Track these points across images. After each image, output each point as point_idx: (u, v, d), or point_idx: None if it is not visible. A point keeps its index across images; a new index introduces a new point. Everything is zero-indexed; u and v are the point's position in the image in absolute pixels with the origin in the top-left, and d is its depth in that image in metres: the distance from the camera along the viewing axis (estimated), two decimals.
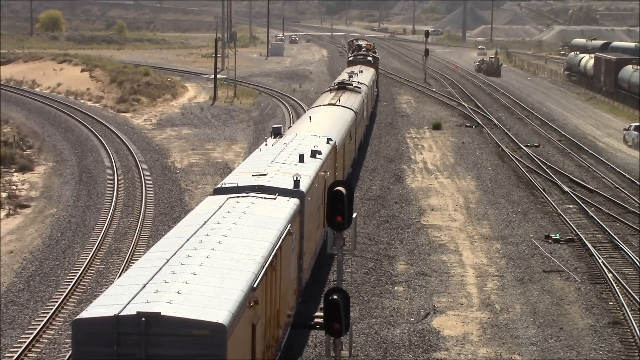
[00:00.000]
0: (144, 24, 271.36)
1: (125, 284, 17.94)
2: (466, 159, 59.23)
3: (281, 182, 27.50)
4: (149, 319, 16.19)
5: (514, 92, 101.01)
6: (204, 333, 16.37)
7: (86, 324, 16.48)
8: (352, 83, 60.38)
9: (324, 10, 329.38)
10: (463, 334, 28.77)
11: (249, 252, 20.23)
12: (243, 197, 25.35)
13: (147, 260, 19.53)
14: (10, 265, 35.35)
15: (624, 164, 58.02)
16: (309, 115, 45.94)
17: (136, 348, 16.28)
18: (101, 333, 16.36)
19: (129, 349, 16.30)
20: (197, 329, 16.38)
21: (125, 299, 16.88)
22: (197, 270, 18.33)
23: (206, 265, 18.72)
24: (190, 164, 56.00)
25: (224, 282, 18.12)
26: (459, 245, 38.88)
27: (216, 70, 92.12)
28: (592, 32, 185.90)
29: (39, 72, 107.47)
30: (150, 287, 17.38)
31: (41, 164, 56.68)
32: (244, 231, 21.76)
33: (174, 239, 20.96)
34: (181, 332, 16.30)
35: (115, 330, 16.31)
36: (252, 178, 27.72)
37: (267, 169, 29.17)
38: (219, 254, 19.60)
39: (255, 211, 23.84)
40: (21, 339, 27.74)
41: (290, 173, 28.47)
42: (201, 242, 20.28)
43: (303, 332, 27.73)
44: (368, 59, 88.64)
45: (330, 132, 39.12)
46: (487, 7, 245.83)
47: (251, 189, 26.31)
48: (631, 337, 28.60)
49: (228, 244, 20.43)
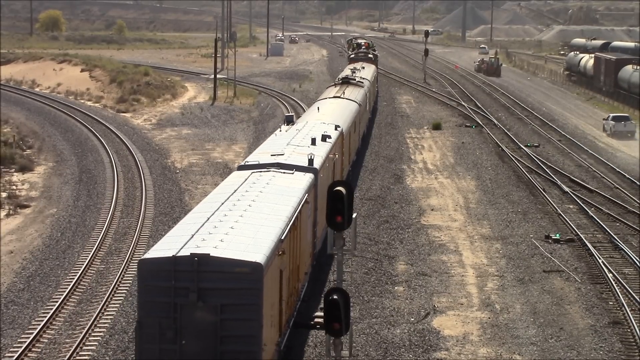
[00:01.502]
0: (144, 24, 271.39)
1: (176, 234, 21.76)
2: (466, 159, 59.23)
3: (297, 160, 31.09)
4: (200, 258, 19.93)
5: (513, 92, 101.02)
6: (245, 270, 20.12)
7: (149, 263, 20.35)
8: (355, 78, 63.73)
9: (323, 10, 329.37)
10: (463, 334, 28.78)
11: (275, 213, 24.11)
12: (265, 171, 29.01)
13: (190, 219, 23.22)
14: (10, 265, 35.35)
15: (624, 164, 58.02)
16: (317, 106, 49.28)
17: (190, 282, 20.01)
18: (162, 270, 20.18)
19: (184, 283, 20.03)
20: (239, 267, 20.15)
21: (179, 245, 20.71)
22: (234, 225, 22.14)
23: (241, 222, 22.58)
24: (190, 164, 56.00)
25: (257, 234, 21.91)
26: (459, 245, 38.88)
27: (216, 70, 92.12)
28: (592, 32, 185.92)
29: (38, 72, 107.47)
30: (198, 237, 21.17)
31: (41, 164, 56.69)
32: (269, 197, 25.68)
33: (210, 203, 24.92)
34: (226, 270, 20.04)
35: (173, 268, 20.08)
36: (271, 157, 31.26)
37: (284, 150, 32.63)
38: (250, 214, 23.51)
39: (276, 183, 27.59)
40: (21, 339, 27.75)
41: (304, 153, 31.85)
42: (234, 205, 24.17)
43: (303, 332, 27.75)
44: (369, 56, 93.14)
45: (337, 121, 42.25)
46: (487, 7, 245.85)
47: (271, 166, 29.88)
48: (631, 337, 28.60)
49: (257, 207, 24.42)
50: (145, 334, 20.61)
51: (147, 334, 20.60)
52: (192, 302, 20.30)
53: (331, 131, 38.15)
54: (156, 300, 20.55)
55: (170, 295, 20.41)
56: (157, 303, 20.56)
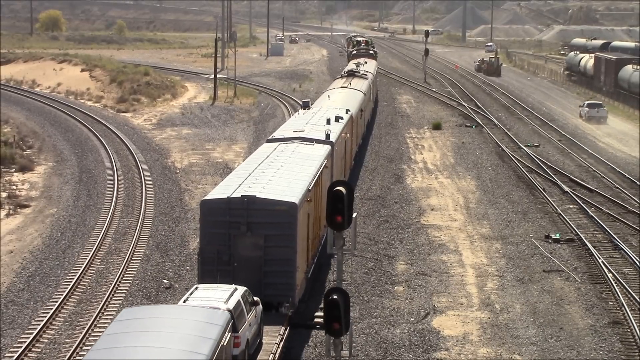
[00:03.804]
0: (144, 24, 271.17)
1: (227, 184, 29.02)
2: (466, 158, 59.22)
3: (316, 135, 37.86)
4: (249, 199, 26.83)
5: (514, 92, 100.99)
6: (284, 208, 26.84)
7: (210, 203, 27.23)
8: (359, 71, 70.52)
9: (324, 10, 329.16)
10: (463, 334, 28.77)
11: (303, 171, 31.13)
12: (290, 143, 36.08)
13: (235, 174, 30.98)
14: (10, 265, 35.35)
15: (624, 163, 58.02)
16: (327, 94, 56.68)
17: (241, 217, 26.73)
18: (219, 208, 26.86)
19: (236, 218, 26.73)
20: (279, 206, 26.88)
21: (231, 190, 27.75)
22: (271, 178, 29.34)
23: (277, 176, 29.77)
24: (190, 164, 55.99)
25: (290, 183, 28.92)
26: (459, 245, 38.88)
27: (216, 70, 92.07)
28: (592, 32, 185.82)
29: (39, 72, 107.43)
30: (245, 184, 28.24)
31: (41, 164, 56.68)
32: (296, 161, 32.62)
33: (249, 164, 32.53)
34: (268, 207, 26.76)
35: (228, 206, 26.83)
36: (294, 133, 38.08)
37: (304, 127, 39.56)
38: (282, 171, 30.65)
39: (300, 151, 34.63)
40: (21, 339, 27.75)
41: (322, 130, 38.71)
42: (269, 165, 31.53)
43: (303, 332, 27.75)
44: (370, 53, 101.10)
45: (346, 106, 48.80)
46: (487, 7, 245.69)
47: (294, 139, 36.74)
48: (631, 337, 28.60)
49: (287, 166, 31.44)
50: (206, 258, 26.74)
51: (207, 258, 26.74)
52: (243, 233, 26.71)
53: (342, 114, 44.72)
54: (214, 231, 26.84)
55: (225, 227, 26.73)
56: (215, 234, 26.84)
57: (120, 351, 18.08)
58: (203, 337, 18.83)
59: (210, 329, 19.41)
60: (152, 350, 18.01)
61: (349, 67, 76.42)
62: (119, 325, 19.74)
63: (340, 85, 61.90)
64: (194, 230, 40.45)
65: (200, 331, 19.26)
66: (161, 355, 17.79)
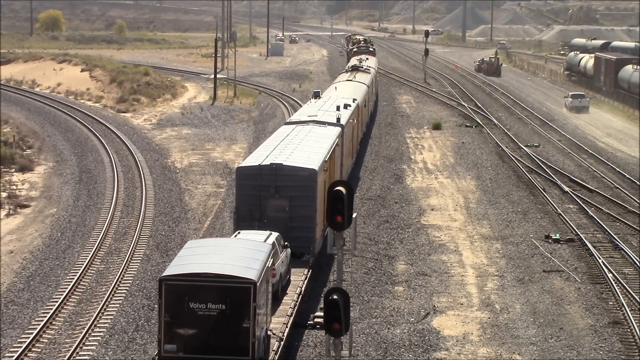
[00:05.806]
0: (144, 23, 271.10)
1: (257, 155, 34.25)
2: (466, 158, 59.22)
3: (328, 118, 43.11)
4: (276, 165, 32.02)
5: (513, 92, 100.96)
6: (305, 174, 32.07)
7: (244, 169, 32.64)
8: (362, 66, 76.42)
9: (323, 10, 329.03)
10: (463, 334, 28.78)
11: (319, 146, 36.35)
12: (305, 125, 41.45)
13: (262, 148, 36.11)
14: (10, 265, 35.35)
15: (624, 163, 58.02)
16: (334, 86, 62.78)
17: (269, 182, 31.80)
18: (251, 173, 32.11)
19: (266, 182, 31.84)
20: (301, 172, 32.09)
21: (261, 159, 32.92)
22: (293, 151, 34.47)
23: (298, 149, 35.07)
24: (190, 164, 55.99)
25: (310, 155, 34.15)
26: (459, 245, 38.88)
27: (216, 70, 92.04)
28: (592, 32, 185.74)
29: (38, 72, 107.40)
30: (272, 155, 33.41)
31: (41, 164, 56.67)
32: (312, 138, 37.90)
33: (272, 140, 37.86)
34: (293, 173, 31.93)
35: (259, 172, 32.02)
36: (308, 117, 43.71)
37: (317, 113, 44.90)
38: (302, 146, 35.88)
39: (315, 131, 40.01)
40: (21, 339, 27.75)
41: (332, 115, 43.91)
42: (290, 142, 36.78)
43: (303, 332, 27.75)
44: (370, 50, 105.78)
45: (353, 96, 53.52)
46: (487, 7, 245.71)
47: (309, 122, 41.94)
48: (631, 337, 28.61)
49: (306, 142, 36.78)
50: (241, 216, 31.79)
51: (241, 216, 31.77)
52: (271, 195, 31.72)
53: (350, 102, 49.63)
54: (248, 193, 31.95)
55: (257, 190, 31.77)
56: (248, 195, 31.92)
57: (195, 263, 23.45)
58: (254, 259, 24.02)
59: (259, 254, 24.53)
60: (218, 264, 23.23)
61: (352, 63, 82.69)
62: (188, 251, 24.98)
63: (345, 79, 67.80)
64: (194, 230, 40.47)
65: (251, 254, 24.41)
66: (226, 267, 22.98)
